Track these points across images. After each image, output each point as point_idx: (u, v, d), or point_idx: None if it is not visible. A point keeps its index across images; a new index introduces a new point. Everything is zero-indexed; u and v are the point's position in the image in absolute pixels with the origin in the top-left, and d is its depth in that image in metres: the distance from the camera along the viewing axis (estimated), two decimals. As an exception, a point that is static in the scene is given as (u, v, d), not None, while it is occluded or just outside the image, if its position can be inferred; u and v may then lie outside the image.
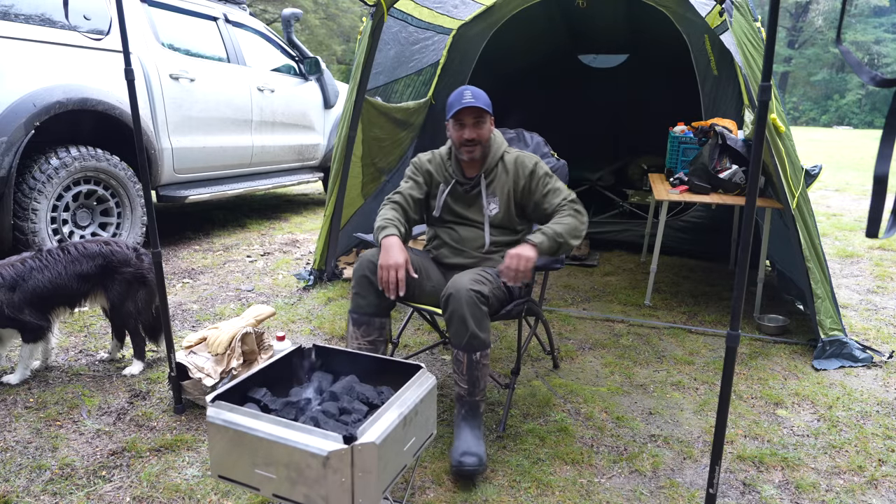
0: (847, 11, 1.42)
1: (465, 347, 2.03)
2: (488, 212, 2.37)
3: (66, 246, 2.64)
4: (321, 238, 4.02)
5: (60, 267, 2.56)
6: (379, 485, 1.40)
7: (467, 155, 2.31)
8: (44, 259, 2.56)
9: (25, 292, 2.49)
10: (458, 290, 2.02)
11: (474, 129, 2.27)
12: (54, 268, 2.55)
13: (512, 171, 2.37)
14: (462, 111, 2.24)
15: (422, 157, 2.49)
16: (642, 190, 5.53)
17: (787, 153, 2.91)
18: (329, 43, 21.16)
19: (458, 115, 2.25)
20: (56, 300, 2.59)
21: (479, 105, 2.23)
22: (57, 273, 2.55)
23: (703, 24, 3.77)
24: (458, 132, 2.29)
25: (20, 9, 3.77)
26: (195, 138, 4.80)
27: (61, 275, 2.55)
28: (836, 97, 37.94)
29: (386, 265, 2.06)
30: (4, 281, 2.46)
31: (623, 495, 1.98)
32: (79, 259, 2.61)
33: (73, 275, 2.58)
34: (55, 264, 2.56)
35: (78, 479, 2.00)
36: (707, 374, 2.85)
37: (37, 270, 2.52)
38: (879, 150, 1.19)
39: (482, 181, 2.37)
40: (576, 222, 2.25)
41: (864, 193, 8.56)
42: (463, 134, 2.27)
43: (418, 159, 2.49)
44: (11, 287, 2.47)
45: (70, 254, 2.61)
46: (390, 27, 3.91)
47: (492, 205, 2.37)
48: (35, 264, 2.53)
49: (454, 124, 2.29)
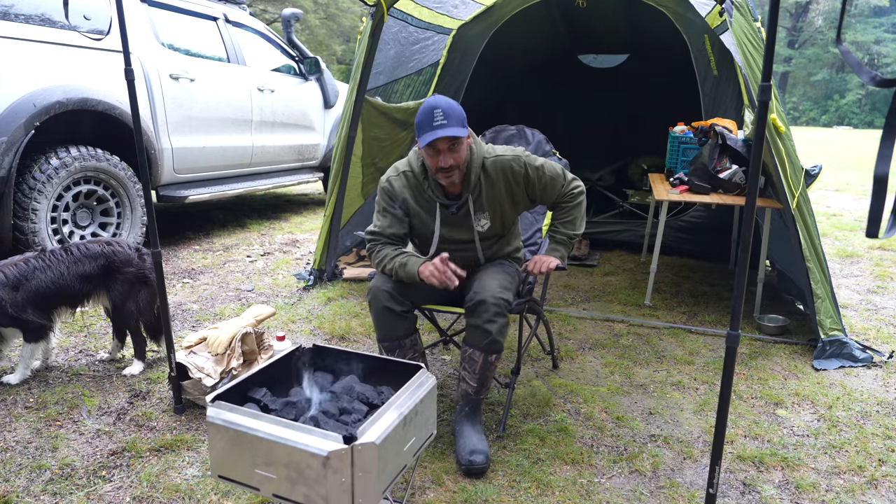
0: (847, 11, 1.42)
1: (484, 349, 2.10)
2: (479, 228, 2.26)
3: (69, 246, 2.64)
4: (321, 238, 4.02)
5: (63, 267, 2.57)
6: (379, 485, 1.40)
7: (445, 181, 2.12)
8: (47, 259, 2.57)
9: (28, 292, 2.50)
10: (488, 296, 2.07)
11: (450, 155, 2.04)
12: (57, 268, 2.56)
13: (501, 180, 2.21)
14: (436, 141, 2.01)
15: (393, 183, 2.24)
16: (642, 190, 5.53)
17: (787, 153, 2.91)
18: (329, 43, 21.15)
19: (432, 144, 2.02)
20: (58, 300, 2.60)
21: (452, 134, 1.99)
22: (60, 273, 2.56)
23: (703, 24, 3.77)
24: (432, 159, 2.06)
25: (20, 9, 3.77)
26: (195, 138, 4.80)
27: (64, 275, 2.56)
28: (836, 97, 37.94)
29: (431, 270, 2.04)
30: (7, 280, 2.47)
31: (623, 495, 1.98)
32: (81, 259, 2.62)
33: (75, 275, 2.59)
34: (58, 264, 2.57)
35: (78, 479, 2.00)
36: (707, 374, 2.85)
37: (40, 270, 2.53)
38: (879, 150, 1.19)
39: (469, 200, 2.21)
40: (580, 208, 2.33)
41: (864, 193, 8.56)
42: (438, 161, 2.05)
43: (389, 185, 2.24)
44: (14, 286, 2.48)
45: (72, 254, 2.62)
46: (390, 27, 3.92)
47: (482, 220, 2.25)
48: (38, 264, 2.54)
49: (427, 151, 2.06)
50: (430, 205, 2.24)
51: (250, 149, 5.41)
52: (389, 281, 2.19)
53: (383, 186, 2.27)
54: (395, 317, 2.18)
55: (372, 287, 2.21)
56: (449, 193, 2.23)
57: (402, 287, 2.19)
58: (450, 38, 4.55)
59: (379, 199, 2.29)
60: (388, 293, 2.17)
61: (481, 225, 2.26)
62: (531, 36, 5.48)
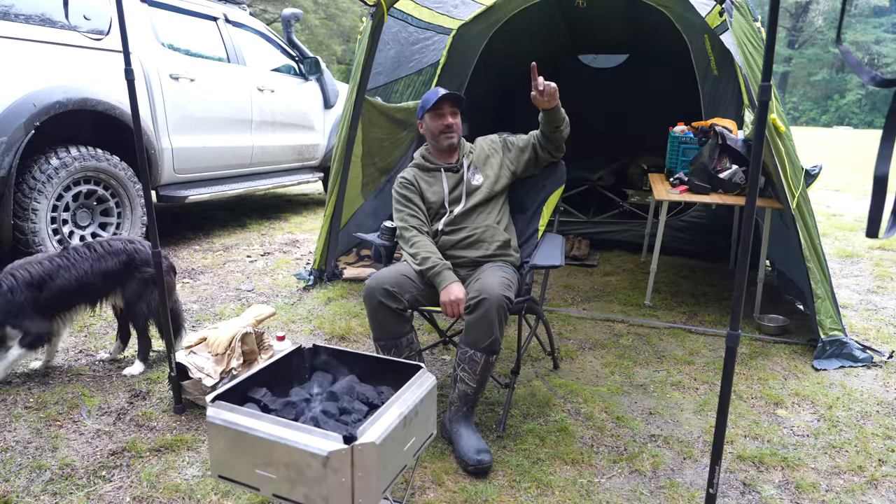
0: (847, 11, 1.42)
1: (486, 349, 2.11)
2: (475, 182, 2.53)
3: (91, 243, 2.63)
4: (321, 238, 4.02)
5: (87, 265, 2.56)
6: (379, 485, 1.40)
7: (447, 141, 2.49)
8: (71, 257, 2.55)
9: (52, 290, 2.49)
10: (491, 294, 2.09)
11: (453, 118, 2.48)
12: (81, 265, 2.55)
13: (486, 148, 2.62)
14: (442, 100, 2.44)
15: (405, 176, 2.58)
16: (642, 190, 5.53)
17: (787, 153, 2.91)
18: (329, 43, 21.16)
19: (438, 105, 2.45)
20: (80, 298, 2.59)
21: (456, 93, 2.48)
22: (84, 271, 2.55)
23: (703, 24, 3.76)
24: (437, 121, 2.48)
25: (20, 9, 3.77)
26: (195, 138, 4.80)
27: (87, 272, 2.55)
28: (836, 97, 37.94)
29: (450, 302, 2.19)
30: (33, 279, 2.46)
31: (623, 495, 1.98)
32: (105, 256, 2.61)
33: (98, 272, 2.58)
34: (82, 262, 2.56)
35: (78, 479, 2.00)
36: (707, 374, 2.85)
37: (64, 269, 2.52)
38: (879, 150, 1.19)
39: (465, 162, 2.56)
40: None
41: (864, 193, 8.56)
42: (443, 122, 2.47)
43: (403, 178, 2.57)
44: (39, 286, 2.47)
45: (96, 251, 2.60)
46: (390, 27, 3.92)
47: (476, 175, 2.55)
48: (63, 262, 2.53)
49: (433, 115, 2.47)
50: (435, 177, 2.55)
51: (250, 149, 5.41)
52: (386, 279, 2.21)
53: (398, 181, 2.57)
54: (391, 314, 2.20)
55: (367, 285, 2.22)
56: (448, 161, 2.57)
57: (398, 285, 2.20)
58: (450, 38, 4.55)
59: (396, 196, 2.55)
60: (384, 290, 2.18)
61: (477, 179, 2.55)
62: (531, 36, 5.47)
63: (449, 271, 2.26)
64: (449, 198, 2.52)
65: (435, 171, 2.55)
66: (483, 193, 2.51)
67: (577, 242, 4.83)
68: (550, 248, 2.54)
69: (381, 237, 2.75)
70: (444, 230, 2.49)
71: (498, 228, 2.49)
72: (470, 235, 2.46)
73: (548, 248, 2.53)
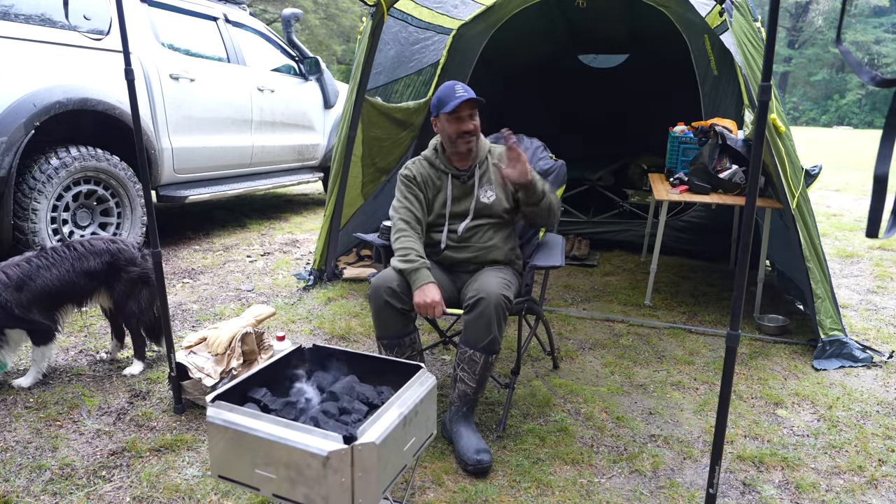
0: (847, 11, 1.42)
1: (485, 349, 2.11)
2: (485, 199, 2.42)
3: (72, 243, 2.62)
4: (321, 238, 4.02)
5: (68, 264, 2.55)
6: (379, 485, 1.40)
7: (465, 146, 2.37)
8: (49, 257, 2.54)
9: (33, 291, 2.46)
10: (490, 294, 2.09)
11: (471, 121, 2.35)
12: (61, 265, 2.53)
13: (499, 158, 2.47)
14: (461, 104, 2.29)
15: (411, 168, 2.47)
16: (642, 190, 5.53)
17: (787, 153, 2.91)
18: (329, 43, 21.15)
19: (457, 109, 2.29)
20: (64, 298, 2.57)
21: (475, 97, 2.31)
22: (65, 270, 2.53)
23: (703, 24, 3.77)
24: (455, 125, 2.33)
25: (20, 9, 3.76)
26: (195, 138, 4.80)
27: (69, 272, 2.54)
28: (836, 97, 37.92)
29: (424, 304, 2.12)
30: (10, 281, 2.44)
31: (623, 495, 1.98)
32: (86, 255, 2.59)
33: (80, 271, 2.56)
34: (62, 262, 2.54)
35: (78, 479, 2.00)
36: (707, 374, 2.85)
37: (44, 269, 2.50)
38: (879, 150, 1.19)
39: (476, 171, 2.44)
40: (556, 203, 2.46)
41: (864, 193, 8.56)
42: (461, 126, 2.33)
43: (408, 171, 2.46)
44: (18, 287, 2.45)
45: (76, 250, 2.59)
46: (390, 27, 3.91)
47: (488, 192, 2.43)
48: (41, 262, 2.51)
49: (450, 118, 2.33)
50: (442, 180, 2.44)
51: (250, 149, 5.41)
52: (392, 279, 2.20)
53: (402, 172, 2.47)
54: (396, 314, 2.19)
55: (373, 284, 2.22)
56: (459, 167, 2.43)
57: (403, 285, 2.20)
58: (450, 38, 4.55)
59: (398, 184, 2.46)
60: (390, 290, 2.18)
61: (487, 196, 2.42)
62: (531, 36, 5.48)
63: (425, 271, 2.19)
64: (451, 208, 2.42)
65: (442, 174, 2.45)
66: (492, 212, 2.42)
67: (577, 242, 4.83)
68: (550, 248, 2.55)
69: (381, 237, 2.76)
70: (450, 245, 2.43)
71: (503, 248, 2.44)
72: (475, 256, 2.42)
73: (548, 249, 2.54)
